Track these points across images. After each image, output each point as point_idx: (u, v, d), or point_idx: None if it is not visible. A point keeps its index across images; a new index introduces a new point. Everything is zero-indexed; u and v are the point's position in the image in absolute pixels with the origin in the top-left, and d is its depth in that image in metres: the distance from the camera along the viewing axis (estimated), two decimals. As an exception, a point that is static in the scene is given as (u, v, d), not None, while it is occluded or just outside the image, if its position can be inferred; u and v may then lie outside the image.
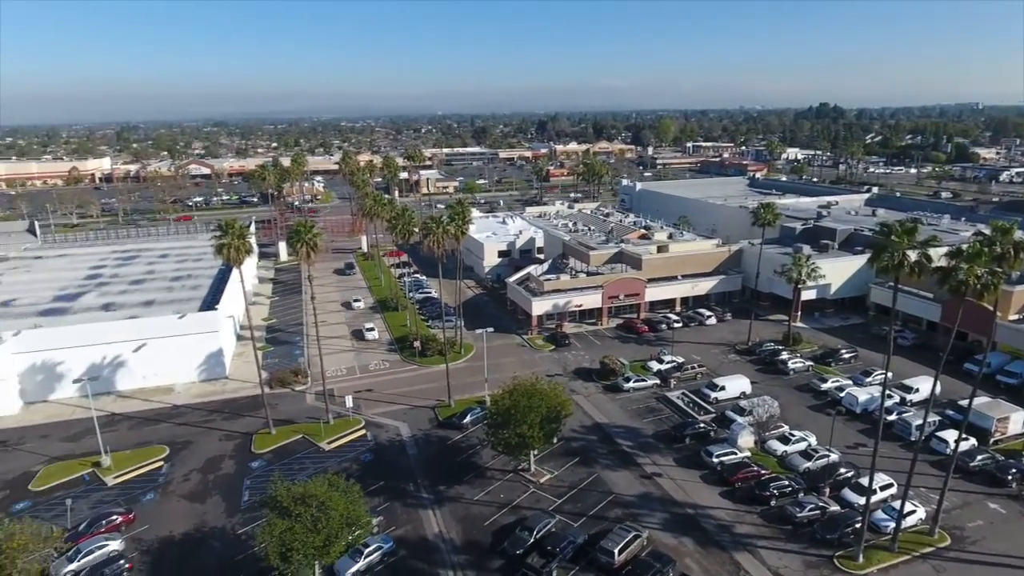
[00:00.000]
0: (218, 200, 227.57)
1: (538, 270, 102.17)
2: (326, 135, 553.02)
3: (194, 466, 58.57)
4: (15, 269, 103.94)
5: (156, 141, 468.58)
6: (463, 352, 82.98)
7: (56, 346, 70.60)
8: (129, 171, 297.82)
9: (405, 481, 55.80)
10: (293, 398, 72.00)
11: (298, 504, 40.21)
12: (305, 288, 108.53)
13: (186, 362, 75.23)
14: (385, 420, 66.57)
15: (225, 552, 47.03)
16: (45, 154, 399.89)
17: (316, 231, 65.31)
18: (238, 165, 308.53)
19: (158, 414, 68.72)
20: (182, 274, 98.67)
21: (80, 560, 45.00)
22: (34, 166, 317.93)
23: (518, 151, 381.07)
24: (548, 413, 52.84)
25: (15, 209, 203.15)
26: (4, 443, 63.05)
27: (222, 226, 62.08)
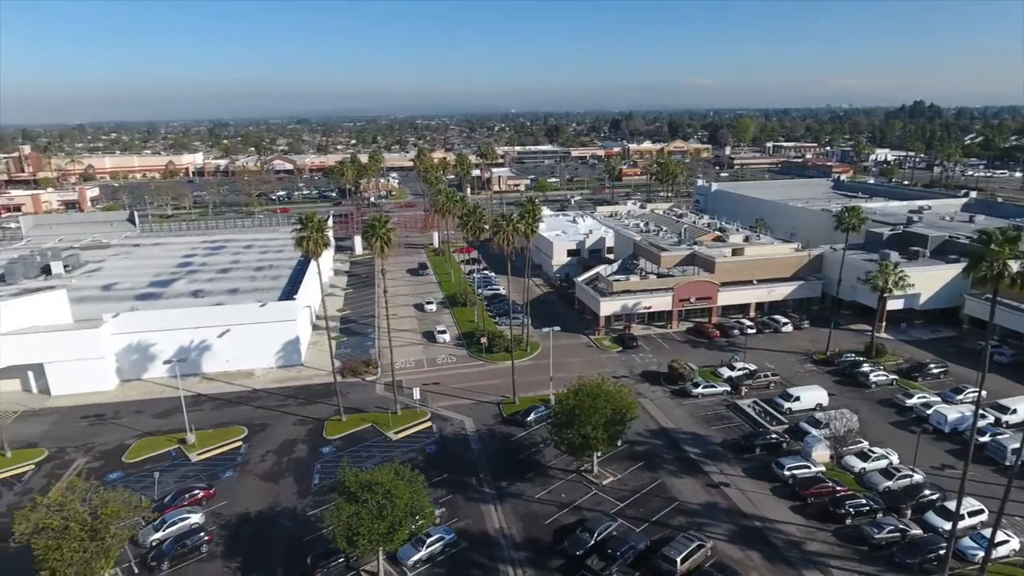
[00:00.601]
0: (299, 194, 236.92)
1: (607, 270, 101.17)
2: (402, 132, 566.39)
3: (270, 448, 61.36)
4: (116, 256, 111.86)
5: (244, 137, 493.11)
6: (529, 350, 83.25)
7: (150, 328, 75.60)
8: (219, 166, 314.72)
9: (468, 475, 56.54)
10: (363, 387, 74.23)
11: (365, 491, 41.48)
12: (378, 282, 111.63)
13: (265, 348, 78.85)
14: (450, 413, 67.65)
15: (295, 532, 49.07)
16: (145, 149, 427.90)
17: (390, 227, 67.00)
18: (318, 161, 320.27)
19: (239, 397, 72.38)
20: (264, 264, 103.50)
21: (165, 530, 48.04)
22: (136, 160, 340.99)
23: (590, 150, 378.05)
24: (613, 415, 52.29)
25: (118, 200, 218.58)
26: (102, 417, 68.05)
27: (302, 220, 64.71)
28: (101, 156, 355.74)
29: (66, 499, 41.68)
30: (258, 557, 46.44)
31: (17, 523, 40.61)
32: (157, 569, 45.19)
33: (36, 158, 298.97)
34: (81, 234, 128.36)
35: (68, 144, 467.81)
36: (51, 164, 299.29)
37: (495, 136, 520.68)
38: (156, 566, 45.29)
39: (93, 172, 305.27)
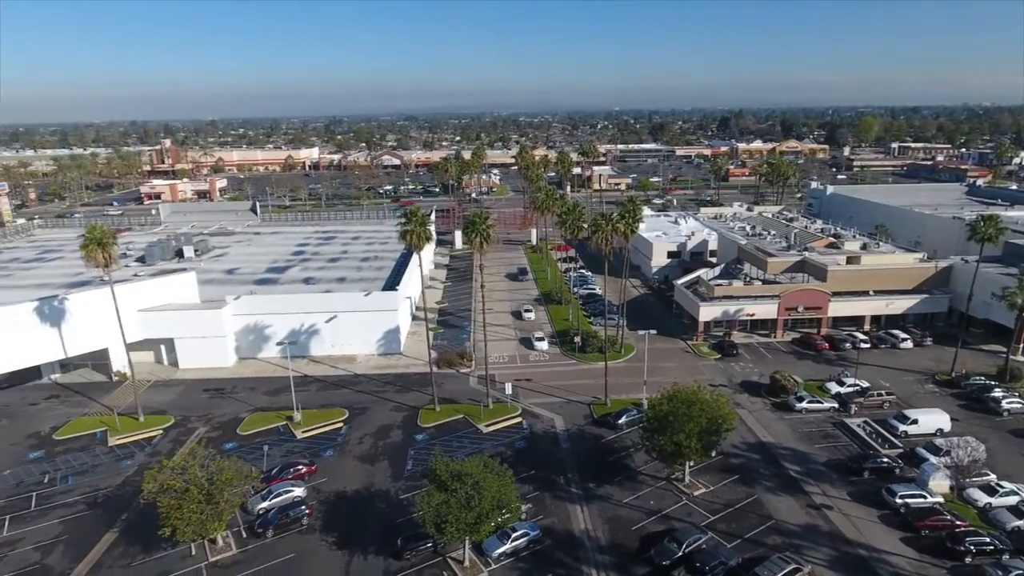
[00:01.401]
0: (405, 189, 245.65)
1: (709, 274, 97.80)
2: (505, 130, 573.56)
3: (368, 431, 64.19)
4: (239, 242, 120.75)
5: (356, 134, 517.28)
6: (623, 352, 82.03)
7: (266, 311, 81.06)
8: (332, 160, 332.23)
9: (556, 473, 56.58)
10: (457, 379, 76.00)
11: (455, 480, 42.54)
12: (476, 277, 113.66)
13: (368, 336, 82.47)
14: (541, 411, 67.93)
15: (388, 513, 51.06)
16: (268, 143, 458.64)
17: (490, 223, 68.06)
18: (424, 157, 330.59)
19: (341, 380, 76.18)
20: (370, 255, 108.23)
21: (271, 500, 51.41)
22: (259, 154, 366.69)
23: (696, 148, 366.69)
24: (708, 424, 50.56)
25: (242, 190, 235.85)
26: (221, 391, 73.80)
27: (407, 214, 67.06)
28: (229, 150, 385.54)
29: (188, 464, 45.69)
30: (353, 534, 48.74)
31: (146, 482, 44.99)
32: (262, 536, 48.45)
33: (175, 151, 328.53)
34: (210, 221, 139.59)
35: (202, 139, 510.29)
36: (187, 157, 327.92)
37: (598, 134, 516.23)
38: (261, 533, 48.57)
39: (222, 164, 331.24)
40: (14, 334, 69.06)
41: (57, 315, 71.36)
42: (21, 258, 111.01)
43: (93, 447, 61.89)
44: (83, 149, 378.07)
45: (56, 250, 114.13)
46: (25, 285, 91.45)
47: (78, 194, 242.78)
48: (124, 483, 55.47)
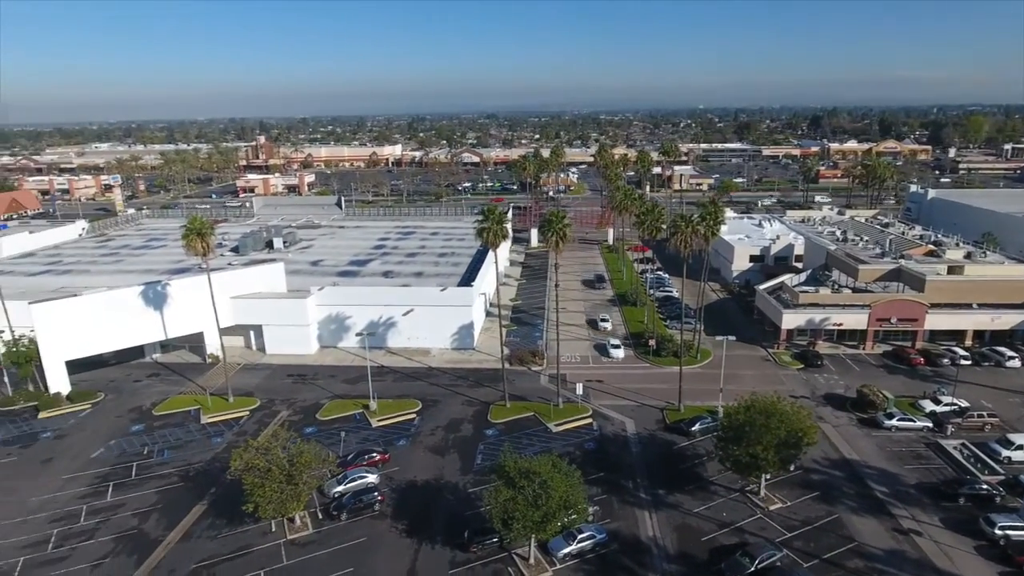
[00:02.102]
0: (483, 186, 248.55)
1: (793, 280, 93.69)
2: (585, 128, 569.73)
3: (439, 423, 65.48)
4: (324, 235, 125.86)
5: (438, 131, 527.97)
6: (699, 357, 79.89)
7: (347, 302, 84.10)
8: (414, 157, 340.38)
9: (625, 477, 55.84)
10: (529, 377, 76.30)
11: (523, 477, 42.73)
12: (551, 275, 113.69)
13: (442, 330, 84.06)
14: (612, 413, 67.19)
15: (456, 505, 51.94)
16: (354, 140, 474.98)
17: (567, 222, 67.80)
18: (503, 155, 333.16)
19: (416, 372, 78.05)
20: (447, 251, 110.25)
21: (346, 484, 53.36)
22: (346, 150, 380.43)
23: (784, 148, 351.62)
24: (787, 437, 48.49)
25: (329, 186, 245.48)
26: (303, 377, 77.19)
27: (484, 211, 67.80)
28: (318, 146, 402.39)
29: (271, 445, 48.10)
30: (422, 523, 49.90)
31: (233, 460, 47.68)
32: (336, 518, 50.39)
33: (269, 147, 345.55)
34: (298, 215, 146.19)
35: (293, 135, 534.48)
36: (279, 152, 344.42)
37: (679, 133, 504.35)
38: (336, 515, 50.53)
39: (311, 160, 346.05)
40: (122, 315, 74.74)
41: (160, 299, 76.73)
42: (130, 245, 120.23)
43: (187, 423, 66.22)
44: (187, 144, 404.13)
45: (160, 238, 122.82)
46: (133, 270, 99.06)
47: (181, 186, 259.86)
48: (213, 459, 59.05)
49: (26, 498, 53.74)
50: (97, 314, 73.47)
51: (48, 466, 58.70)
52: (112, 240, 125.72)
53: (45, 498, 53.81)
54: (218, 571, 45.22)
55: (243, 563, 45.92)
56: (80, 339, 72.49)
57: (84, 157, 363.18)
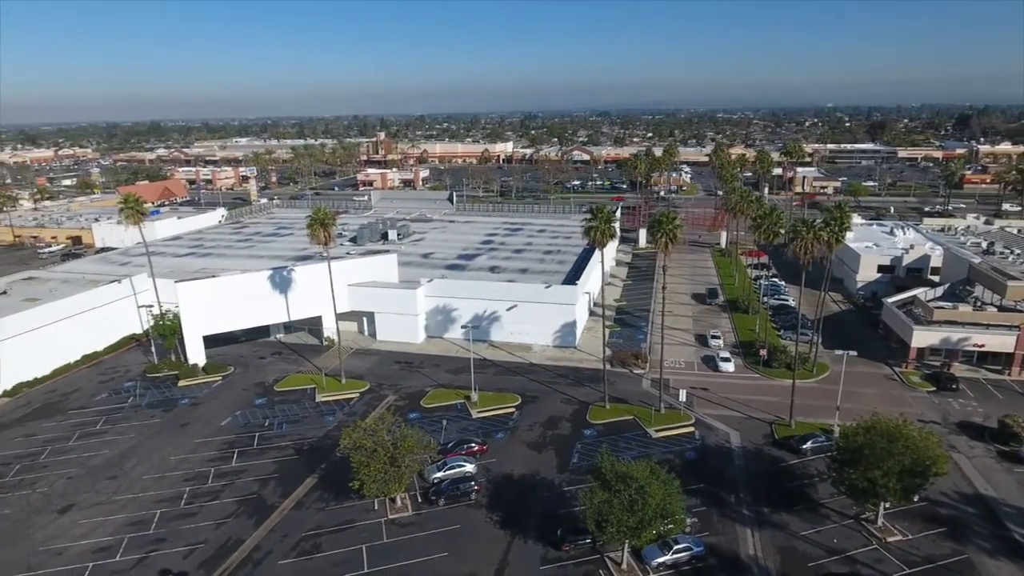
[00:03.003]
0: (592, 184, 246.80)
1: (928, 294, 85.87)
2: (700, 126, 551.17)
3: (538, 419, 65.91)
4: (435, 229, 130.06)
5: (549, 129, 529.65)
6: (815, 371, 75.21)
7: (454, 295, 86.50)
8: (524, 154, 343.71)
9: (727, 491, 53.68)
10: (630, 379, 75.07)
11: (619, 481, 42.19)
12: (658, 277, 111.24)
13: (545, 327, 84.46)
14: (716, 423, 64.76)
15: (551, 502, 52.11)
16: (467, 137, 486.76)
17: (677, 223, 65.98)
18: (614, 153, 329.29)
19: (517, 367, 78.97)
20: (553, 249, 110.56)
21: (445, 471, 55.01)
22: (459, 147, 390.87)
23: (923, 150, 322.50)
24: (912, 465, 44.64)
25: (441, 181, 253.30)
26: (410, 364, 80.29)
27: (592, 210, 67.36)
28: (433, 143, 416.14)
29: (377, 427, 50.46)
30: (516, 516, 50.51)
31: (343, 438, 50.50)
32: (434, 503, 52.09)
33: (388, 143, 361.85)
34: (412, 208, 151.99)
35: (411, 132, 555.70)
36: (397, 148, 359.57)
37: (804, 132, 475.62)
38: (434, 501, 52.24)
39: (426, 156, 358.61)
40: (252, 297, 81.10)
41: (285, 284, 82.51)
42: (261, 232, 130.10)
43: (303, 401, 70.85)
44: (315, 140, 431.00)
45: (288, 227, 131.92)
46: (263, 255, 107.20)
47: (308, 179, 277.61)
48: (325, 436, 62.83)
49: (166, 457, 59.78)
50: (231, 294, 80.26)
51: (184, 430, 64.91)
52: (246, 227, 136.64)
53: (181, 458, 59.57)
54: (324, 541, 48.12)
55: (347, 536, 48.58)
56: (216, 316, 79.51)
57: (226, 150, 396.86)
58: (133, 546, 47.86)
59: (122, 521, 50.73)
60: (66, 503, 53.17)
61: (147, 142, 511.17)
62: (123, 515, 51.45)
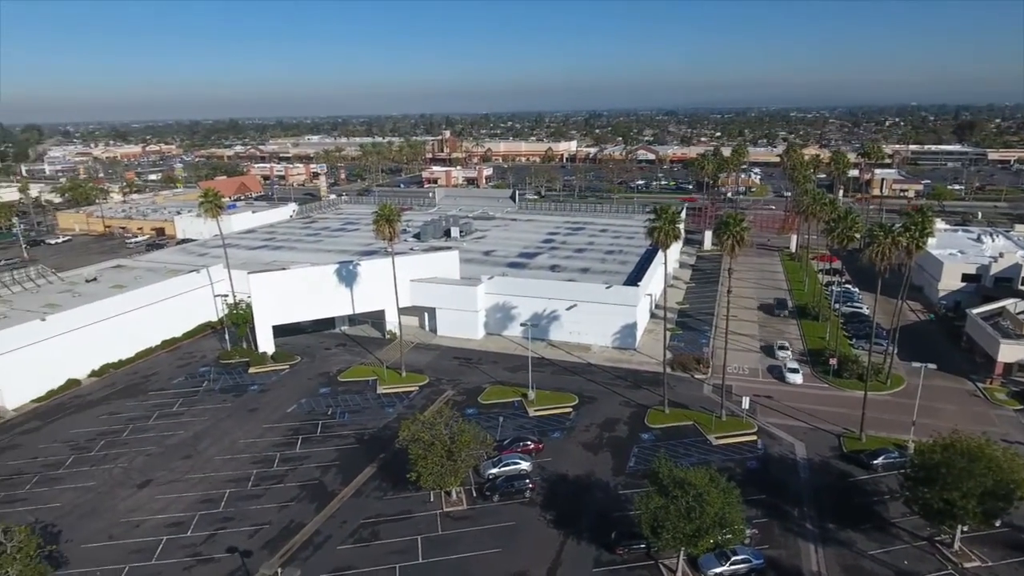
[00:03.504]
0: (656, 185, 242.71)
1: (1018, 306, 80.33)
2: (772, 125, 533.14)
3: (594, 420, 65.40)
4: (497, 227, 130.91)
5: (614, 128, 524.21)
6: (889, 383, 71.65)
7: (513, 293, 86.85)
8: (588, 153, 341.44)
9: (790, 503, 51.83)
10: (690, 384, 73.49)
11: (677, 487, 41.37)
12: (723, 280, 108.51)
13: (605, 328, 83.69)
14: (780, 433, 62.60)
15: (605, 504, 51.64)
16: (531, 136, 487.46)
17: (744, 225, 64.07)
18: (680, 153, 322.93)
19: (575, 367, 78.56)
20: (615, 249, 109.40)
21: (500, 467, 55.33)
22: (523, 145, 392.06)
23: (1017, 152, 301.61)
24: (995, 487, 41.88)
25: (504, 179, 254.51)
26: (469, 360, 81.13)
27: (656, 210, 66.23)
28: (498, 141, 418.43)
29: (435, 421, 51.24)
30: (569, 516, 50.32)
31: (402, 430, 51.54)
32: (489, 499, 52.47)
33: (453, 141, 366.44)
34: (474, 206, 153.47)
35: (475, 130, 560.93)
36: (462, 147, 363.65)
37: (884, 132, 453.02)
38: (489, 496, 52.63)
39: (490, 154, 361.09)
40: (320, 289, 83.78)
41: (351, 277, 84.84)
42: (329, 227, 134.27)
43: (365, 392, 72.71)
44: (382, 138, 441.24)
45: (355, 222, 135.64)
46: (330, 249, 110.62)
47: (375, 176, 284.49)
48: (385, 427, 64.28)
49: (236, 440, 62.56)
50: (300, 286, 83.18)
51: (253, 415, 67.75)
52: (315, 222, 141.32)
53: (249, 441, 62.22)
54: (381, 529, 49.27)
55: (403, 526, 49.58)
56: (285, 307, 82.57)
57: (298, 148, 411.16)
58: (203, 523, 50.33)
59: (194, 499, 53.42)
60: (144, 479, 56.44)
61: (226, 139, 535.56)
62: (195, 493, 54.18)
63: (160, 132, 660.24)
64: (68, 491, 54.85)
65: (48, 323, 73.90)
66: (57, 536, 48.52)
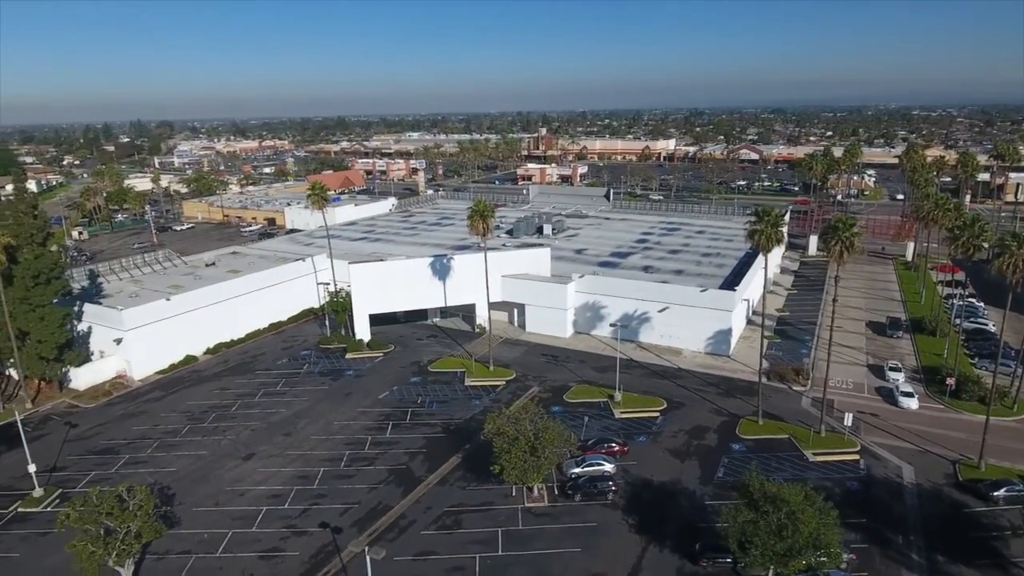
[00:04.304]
0: (759, 186, 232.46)
1: None
2: (891, 124, 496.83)
3: (682, 427, 63.64)
4: (590, 225, 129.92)
5: (716, 126, 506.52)
6: (1016, 408, 65.14)
7: (604, 292, 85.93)
8: (687, 152, 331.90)
9: (893, 530, 48.28)
10: (787, 396, 69.98)
11: (768, 502, 39.53)
12: (828, 288, 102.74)
13: (697, 332, 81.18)
14: (886, 454, 58.40)
15: (690, 514, 50.16)
16: (628, 134, 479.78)
17: (855, 230, 60.04)
18: (786, 152, 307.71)
19: (664, 371, 76.75)
20: (712, 251, 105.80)
21: (583, 467, 54.94)
22: (619, 143, 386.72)
23: None
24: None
25: (599, 178, 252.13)
26: (556, 358, 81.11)
27: (758, 212, 63.40)
28: (593, 139, 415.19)
29: (520, 416, 51.62)
30: (652, 522, 49.25)
31: (487, 423, 52.28)
32: (571, 498, 52.26)
33: (548, 139, 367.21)
34: (568, 204, 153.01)
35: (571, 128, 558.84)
36: (557, 144, 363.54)
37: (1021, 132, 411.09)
38: (571, 495, 52.42)
39: (585, 152, 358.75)
40: (415, 281, 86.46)
41: (444, 271, 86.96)
42: (426, 221, 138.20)
43: (454, 383, 74.33)
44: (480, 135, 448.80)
45: (450, 217, 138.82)
46: (426, 243, 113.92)
47: (471, 172, 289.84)
48: (471, 418, 65.46)
49: (331, 421, 65.78)
50: (396, 278, 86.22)
51: (348, 399, 70.95)
52: (413, 216, 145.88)
53: (343, 423, 65.24)
54: (464, 519, 50.26)
55: (484, 517, 50.35)
56: (382, 297, 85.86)
57: (399, 144, 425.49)
58: (299, 497, 53.29)
59: (292, 474, 56.67)
60: (249, 451, 60.48)
61: (333, 135, 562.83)
62: (292, 468, 57.46)
63: (275, 128, 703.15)
64: (183, 457, 59.69)
65: (172, 303, 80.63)
66: (172, 498, 52.90)
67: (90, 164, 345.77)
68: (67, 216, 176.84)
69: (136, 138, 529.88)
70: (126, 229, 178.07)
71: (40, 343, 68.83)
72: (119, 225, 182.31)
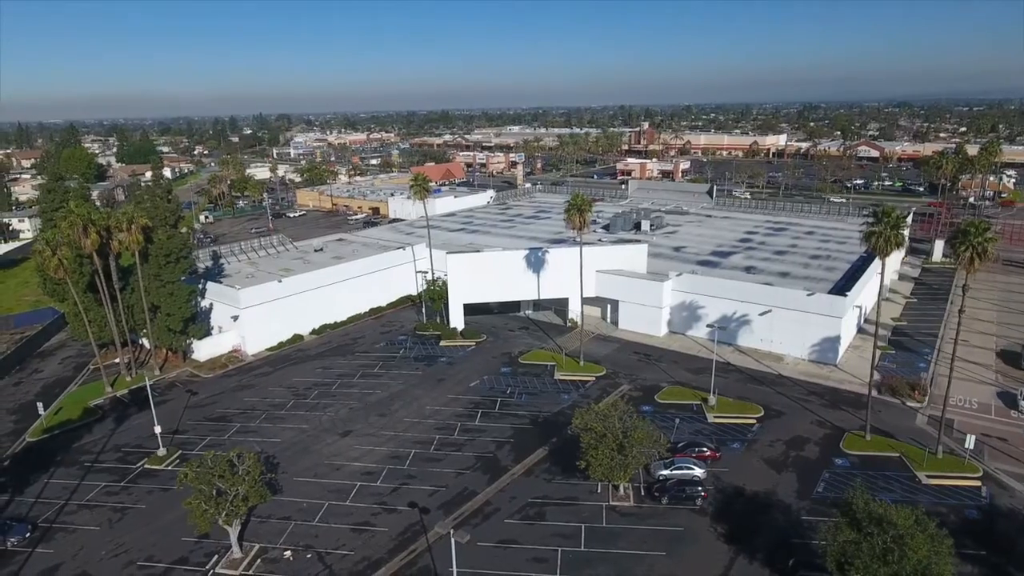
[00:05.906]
0: (879, 185, 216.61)
1: None
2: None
3: (781, 436, 60.58)
4: (691, 223, 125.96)
5: (832, 121, 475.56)
6: None
7: (702, 292, 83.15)
8: (799, 148, 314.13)
9: (1019, 567, 43.74)
10: (900, 412, 64.94)
11: (873, 523, 36.88)
12: (953, 298, 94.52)
13: (802, 338, 76.92)
14: (1013, 483, 52.97)
15: (784, 528, 47.75)
16: (736, 129, 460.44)
17: (989, 236, 54.60)
18: (911, 150, 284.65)
19: (763, 377, 73.33)
20: (822, 254, 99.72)
21: (672, 470, 53.62)
22: (725, 138, 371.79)
23: None
24: None
25: (702, 174, 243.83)
26: (649, 357, 79.48)
27: (876, 213, 59.01)
28: (698, 134, 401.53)
29: (609, 413, 51.00)
30: (742, 533, 47.31)
31: (576, 418, 52.13)
32: (657, 500, 51.14)
33: (651, 133, 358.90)
34: (668, 200, 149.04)
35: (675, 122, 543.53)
36: (659, 139, 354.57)
37: None
38: (657, 497, 51.30)
39: (689, 147, 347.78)
40: (509, 273, 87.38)
41: (539, 264, 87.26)
42: (523, 214, 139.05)
43: (543, 376, 74.58)
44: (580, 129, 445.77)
45: (547, 211, 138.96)
46: (521, 236, 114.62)
47: (570, 166, 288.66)
48: (559, 412, 65.46)
49: (423, 406, 67.88)
50: (491, 269, 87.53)
51: (440, 384, 72.90)
52: (510, 209, 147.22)
53: (435, 409, 67.14)
54: (547, 511, 50.42)
55: (568, 511, 50.26)
56: (477, 287, 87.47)
57: (500, 137, 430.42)
58: (391, 476, 55.44)
59: (385, 453, 59.03)
60: (346, 429, 63.57)
61: (436, 128, 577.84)
62: (386, 448, 59.84)
63: (382, 121, 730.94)
64: (288, 430, 63.65)
65: (283, 284, 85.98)
66: (276, 467, 56.57)
67: (217, 154, 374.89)
68: (196, 201, 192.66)
69: (258, 130, 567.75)
70: (246, 215, 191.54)
71: (169, 316, 75.56)
72: (240, 211, 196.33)
